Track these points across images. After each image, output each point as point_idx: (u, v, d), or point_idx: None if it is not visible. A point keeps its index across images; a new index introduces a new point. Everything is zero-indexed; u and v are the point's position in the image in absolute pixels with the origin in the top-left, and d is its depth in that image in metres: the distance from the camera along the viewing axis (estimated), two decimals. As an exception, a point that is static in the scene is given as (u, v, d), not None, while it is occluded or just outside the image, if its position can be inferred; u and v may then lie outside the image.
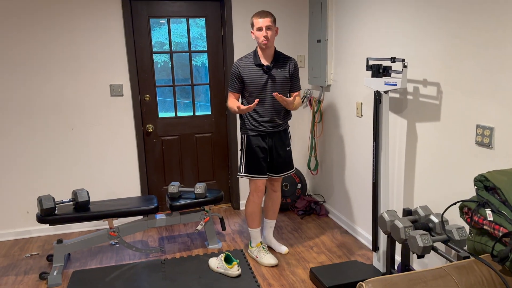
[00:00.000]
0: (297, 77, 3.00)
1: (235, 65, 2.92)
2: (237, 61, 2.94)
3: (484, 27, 2.05)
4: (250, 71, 2.88)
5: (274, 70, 2.89)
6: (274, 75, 2.89)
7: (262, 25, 2.79)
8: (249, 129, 2.97)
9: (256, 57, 2.90)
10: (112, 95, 3.63)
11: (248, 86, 2.90)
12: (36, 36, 3.38)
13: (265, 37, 2.79)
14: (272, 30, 2.82)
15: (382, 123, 2.56)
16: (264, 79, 2.88)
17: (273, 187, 3.15)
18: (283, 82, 2.91)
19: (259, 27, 2.79)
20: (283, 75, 2.91)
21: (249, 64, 2.90)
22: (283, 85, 2.92)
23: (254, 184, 3.01)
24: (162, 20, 3.76)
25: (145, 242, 3.50)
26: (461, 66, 2.22)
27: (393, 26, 2.74)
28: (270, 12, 2.84)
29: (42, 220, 2.87)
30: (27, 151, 3.53)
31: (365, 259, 3.07)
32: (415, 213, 2.35)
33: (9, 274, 3.02)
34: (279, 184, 3.16)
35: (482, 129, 2.10)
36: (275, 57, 2.91)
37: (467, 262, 1.66)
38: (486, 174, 1.80)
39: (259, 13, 2.82)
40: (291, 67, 2.94)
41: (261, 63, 2.88)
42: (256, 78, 2.88)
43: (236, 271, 2.84)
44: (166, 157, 3.99)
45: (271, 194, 3.18)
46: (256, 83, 2.88)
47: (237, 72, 2.91)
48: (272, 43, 2.87)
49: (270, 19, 2.80)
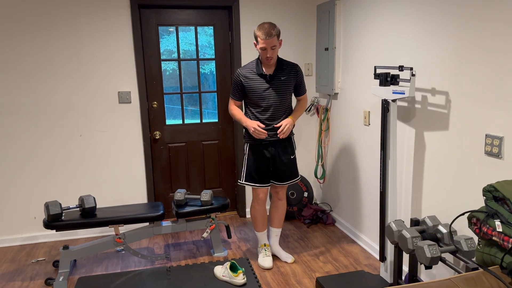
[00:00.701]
0: (302, 81, 3.00)
1: (237, 74, 2.93)
2: (239, 69, 2.94)
3: (494, 36, 2.03)
4: (252, 80, 2.89)
5: (277, 79, 2.89)
6: (276, 83, 2.89)
7: (267, 46, 2.74)
8: (251, 137, 2.97)
9: (258, 67, 2.89)
10: (120, 102, 3.66)
11: (250, 95, 2.90)
12: (44, 43, 3.42)
13: (268, 58, 2.79)
14: (276, 49, 2.78)
15: (390, 131, 2.54)
16: (266, 88, 2.88)
17: (278, 195, 3.13)
18: (286, 89, 2.91)
19: (263, 47, 2.75)
20: (286, 82, 2.90)
21: (252, 73, 2.90)
22: (285, 92, 2.92)
23: (254, 192, 3.07)
24: (170, 28, 3.79)
25: (151, 249, 3.49)
26: (470, 75, 2.20)
27: (401, 34, 2.74)
28: (275, 27, 2.73)
29: (49, 226, 2.88)
30: (35, 157, 3.56)
31: (372, 269, 3.04)
32: (423, 223, 2.32)
33: (15, 280, 3.03)
34: (284, 192, 3.14)
35: (491, 139, 2.08)
36: (277, 65, 2.91)
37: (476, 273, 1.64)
38: (495, 184, 1.78)
39: (265, 31, 2.70)
40: (295, 73, 2.93)
41: (264, 73, 2.88)
42: (258, 87, 2.88)
43: (241, 279, 2.82)
44: (173, 164, 4.00)
45: (276, 202, 3.16)
46: (258, 92, 2.88)
47: (239, 81, 2.92)
48: (276, 58, 2.85)
49: (275, 38, 2.73)
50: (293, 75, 2.93)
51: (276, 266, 3.13)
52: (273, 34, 2.72)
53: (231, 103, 3.03)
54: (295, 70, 2.94)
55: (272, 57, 2.79)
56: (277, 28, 2.77)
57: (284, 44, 3.95)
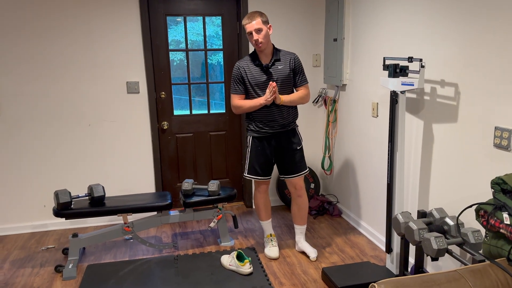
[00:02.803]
0: (301, 71, 2.93)
1: (236, 67, 2.91)
2: (237, 62, 2.93)
3: (504, 28, 2.01)
4: (251, 71, 2.88)
5: (274, 68, 2.87)
6: (274, 73, 2.87)
7: (251, 29, 2.73)
8: (253, 130, 2.97)
9: (255, 57, 2.89)
10: (129, 92, 3.67)
11: (251, 86, 2.89)
12: (55, 34, 3.44)
13: (256, 41, 2.76)
14: (263, 32, 2.75)
15: (398, 123, 2.53)
16: (264, 78, 2.86)
17: (297, 191, 3.05)
18: (284, 79, 2.88)
19: (248, 31, 2.75)
20: (283, 72, 2.87)
21: (249, 64, 2.89)
22: (284, 82, 2.89)
23: (256, 183, 3.10)
24: (178, 18, 3.79)
25: (159, 238, 3.53)
26: (479, 67, 2.18)
27: (411, 25, 2.71)
28: (259, 12, 2.76)
29: (59, 214, 2.92)
30: (45, 146, 3.60)
31: (378, 261, 3.05)
32: (430, 215, 2.32)
33: (25, 266, 3.09)
34: (301, 186, 3.05)
35: (501, 131, 2.07)
36: (273, 55, 2.88)
37: (482, 265, 1.64)
38: (504, 177, 1.77)
39: (247, 16, 2.75)
40: (292, 62, 2.89)
41: (260, 63, 2.87)
42: (257, 77, 2.87)
43: (248, 269, 2.85)
44: (181, 154, 4.02)
45: (296, 199, 3.09)
46: (257, 83, 2.87)
47: (238, 74, 2.90)
48: (267, 43, 2.82)
49: (259, 20, 2.73)
50: (291, 63, 2.88)
51: (282, 256, 3.15)
52: (256, 17, 2.73)
53: (234, 99, 2.94)
54: (292, 58, 2.89)
55: (261, 42, 2.76)
56: (263, 14, 2.78)
57: (292, 35, 3.93)
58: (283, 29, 3.90)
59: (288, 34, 3.92)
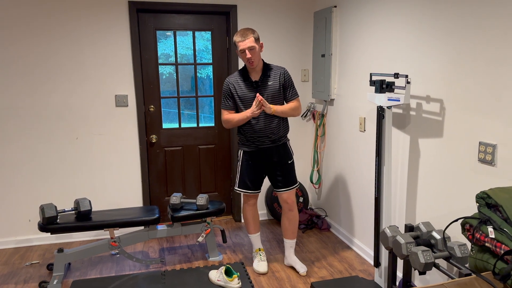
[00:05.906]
0: (291, 85, 2.94)
1: (226, 83, 2.93)
2: (227, 78, 2.95)
3: (489, 44, 2.06)
4: (240, 86, 2.89)
5: (264, 84, 2.88)
6: (264, 89, 2.88)
7: (244, 47, 2.75)
8: (244, 144, 2.99)
9: (245, 74, 2.90)
10: (117, 105, 3.66)
11: (240, 103, 2.91)
12: (42, 46, 3.43)
13: (249, 59, 2.78)
14: (255, 50, 2.78)
15: (385, 138, 2.57)
16: (253, 94, 2.87)
17: (287, 205, 3.05)
18: (274, 94, 2.90)
19: (241, 49, 2.77)
20: (273, 87, 2.89)
21: (239, 80, 2.91)
22: (275, 97, 2.90)
23: (245, 197, 3.12)
24: (168, 33, 3.81)
25: (146, 253, 3.49)
26: (464, 83, 2.23)
27: (397, 42, 2.77)
28: (251, 30, 2.79)
29: (44, 228, 2.87)
30: (31, 159, 3.55)
31: (366, 275, 3.05)
32: (417, 229, 2.34)
33: (8, 283, 3.01)
34: (292, 200, 3.05)
35: (485, 146, 2.11)
36: (263, 71, 2.90)
37: (469, 279, 1.65)
38: (488, 191, 1.80)
39: (240, 34, 2.76)
40: (281, 77, 2.91)
41: (250, 79, 2.89)
42: (247, 93, 2.88)
43: (236, 284, 2.83)
44: (169, 168, 4.00)
45: (287, 213, 3.09)
46: (247, 99, 2.88)
47: (228, 90, 2.92)
48: (258, 61, 2.85)
49: (252, 39, 2.75)
50: (280, 78, 2.90)
51: (271, 271, 3.13)
52: (249, 35, 2.75)
53: (224, 114, 2.96)
54: (281, 73, 2.91)
55: (253, 60, 2.79)
56: (255, 31, 2.80)
57: (281, 50, 3.98)
58: (272, 45, 3.95)
59: (277, 49, 3.97)
